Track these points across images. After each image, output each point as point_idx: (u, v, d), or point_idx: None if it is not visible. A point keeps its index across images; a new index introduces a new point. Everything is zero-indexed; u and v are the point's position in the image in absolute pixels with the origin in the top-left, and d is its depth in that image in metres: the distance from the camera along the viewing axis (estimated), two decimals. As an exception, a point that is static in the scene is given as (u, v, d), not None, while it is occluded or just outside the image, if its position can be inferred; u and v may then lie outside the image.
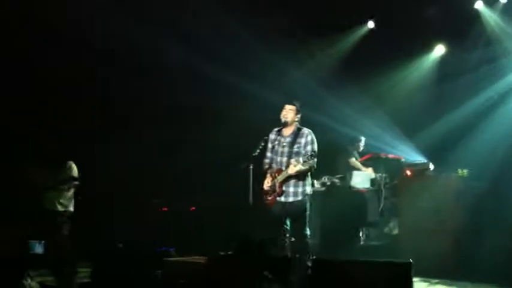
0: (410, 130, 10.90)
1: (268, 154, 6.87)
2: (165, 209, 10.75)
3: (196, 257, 6.50)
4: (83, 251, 7.15)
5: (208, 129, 10.78)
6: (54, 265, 6.73)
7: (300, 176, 6.58)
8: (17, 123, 9.31)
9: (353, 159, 9.77)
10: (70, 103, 10.09)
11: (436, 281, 7.55)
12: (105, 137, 10.30)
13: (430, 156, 9.82)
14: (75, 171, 7.78)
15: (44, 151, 7.84)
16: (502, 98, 10.19)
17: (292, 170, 6.49)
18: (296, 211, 6.56)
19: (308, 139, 6.64)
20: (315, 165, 6.58)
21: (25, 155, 8.01)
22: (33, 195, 7.59)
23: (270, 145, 6.87)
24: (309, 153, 6.40)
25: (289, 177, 6.57)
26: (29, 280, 6.16)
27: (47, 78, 9.78)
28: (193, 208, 10.92)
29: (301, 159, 6.41)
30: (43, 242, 6.66)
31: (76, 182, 7.82)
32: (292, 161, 6.51)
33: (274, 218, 6.66)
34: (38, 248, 6.67)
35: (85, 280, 6.65)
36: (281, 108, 6.80)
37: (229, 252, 6.04)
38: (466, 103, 10.49)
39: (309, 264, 5.54)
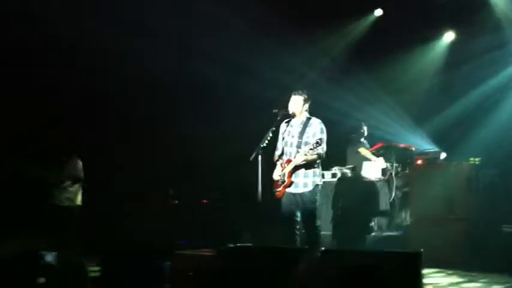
0: (420, 118, 10.82)
1: (279, 145, 6.82)
2: (176, 202, 10.75)
3: (206, 249, 6.48)
4: (92, 245, 7.16)
5: (219, 123, 10.81)
6: (65, 275, 6.72)
7: (309, 166, 6.52)
8: (19, 121, 9.30)
9: (362, 148, 9.66)
10: (74, 97, 10.07)
11: (447, 270, 7.50)
12: (115, 130, 10.32)
13: (442, 145, 9.75)
14: (80, 165, 7.76)
15: (48, 147, 7.84)
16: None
17: (299, 159, 6.44)
18: (306, 202, 6.52)
19: (317, 129, 6.58)
20: (324, 154, 6.53)
21: (29, 153, 8.02)
22: (40, 193, 7.60)
23: (280, 136, 6.83)
24: (314, 142, 6.34)
25: (298, 168, 6.51)
26: None
27: (50, 75, 9.76)
28: (205, 201, 10.93)
29: (307, 148, 6.36)
30: (54, 252, 6.66)
31: (81, 177, 7.81)
32: (300, 150, 6.47)
33: (284, 210, 6.63)
34: (50, 258, 6.66)
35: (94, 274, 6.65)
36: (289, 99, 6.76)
37: (238, 244, 6.04)
38: (477, 90, 10.40)
39: (319, 255, 5.50)
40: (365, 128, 9.81)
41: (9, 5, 9.08)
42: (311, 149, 6.34)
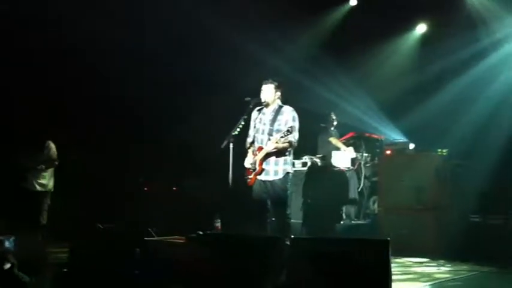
0: (391, 110, 10.93)
1: (251, 132, 6.81)
2: (146, 189, 10.72)
3: (176, 236, 6.49)
4: (62, 231, 7.11)
5: (191, 111, 10.76)
6: (26, 262, 6.62)
7: (280, 154, 6.52)
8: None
9: (333, 138, 9.71)
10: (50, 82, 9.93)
11: (415, 259, 7.63)
12: (86, 116, 10.21)
13: (410, 136, 9.87)
14: (53, 151, 7.71)
15: (22, 132, 7.74)
16: (483, 79, 10.23)
17: (270, 146, 6.45)
18: (276, 190, 6.53)
19: (289, 116, 6.58)
20: (296, 142, 6.55)
21: (3, 138, 7.91)
22: (11, 177, 7.52)
23: (252, 123, 6.82)
24: (285, 129, 6.36)
25: (269, 155, 6.51)
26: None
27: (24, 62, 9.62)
28: (176, 188, 10.91)
29: (278, 136, 6.38)
30: (13, 238, 6.54)
31: (55, 162, 7.76)
32: (271, 138, 6.48)
33: (255, 197, 6.64)
34: (9, 245, 6.54)
35: (63, 260, 6.61)
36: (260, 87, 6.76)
37: (208, 232, 6.06)
38: (447, 84, 10.52)
39: (288, 243, 5.56)
40: (334, 117, 9.85)
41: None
42: (282, 137, 6.35)
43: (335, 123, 9.85)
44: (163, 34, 10.15)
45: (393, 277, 4.75)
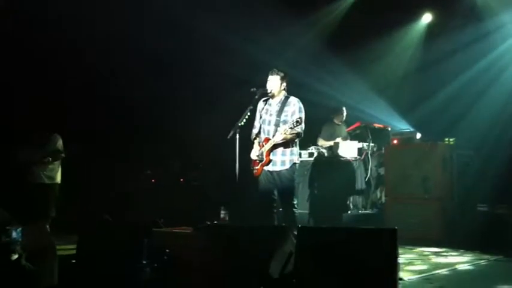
0: (397, 100, 10.90)
1: (257, 123, 6.82)
2: (153, 180, 10.74)
3: (183, 227, 6.50)
4: (70, 223, 7.13)
5: (196, 102, 10.77)
6: (33, 253, 6.65)
7: (287, 145, 6.54)
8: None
9: (320, 140, 9.63)
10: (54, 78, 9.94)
11: (422, 248, 7.64)
12: (92, 108, 10.22)
13: (418, 126, 9.85)
14: (60, 143, 7.71)
15: (27, 125, 7.74)
16: (489, 71, 10.18)
17: (278, 137, 6.46)
18: (283, 180, 6.55)
19: (295, 107, 6.59)
20: (303, 133, 6.56)
21: (8, 132, 7.92)
22: (18, 171, 7.52)
23: (258, 114, 6.82)
24: (294, 121, 6.37)
25: (276, 146, 6.53)
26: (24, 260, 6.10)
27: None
28: (183, 180, 10.92)
29: (286, 127, 6.39)
30: (20, 228, 6.54)
31: (62, 155, 7.76)
32: (279, 129, 6.49)
33: (262, 188, 6.65)
34: (16, 235, 6.55)
35: (71, 252, 6.64)
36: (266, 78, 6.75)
37: (216, 222, 6.07)
38: (455, 73, 10.48)
39: (295, 233, 5.57)
40: (345, 113, 9.81)
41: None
42: (291, 128, 6.36)
43: (344, 118, 9.80)
44: (163, 34, 10.14)
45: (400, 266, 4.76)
